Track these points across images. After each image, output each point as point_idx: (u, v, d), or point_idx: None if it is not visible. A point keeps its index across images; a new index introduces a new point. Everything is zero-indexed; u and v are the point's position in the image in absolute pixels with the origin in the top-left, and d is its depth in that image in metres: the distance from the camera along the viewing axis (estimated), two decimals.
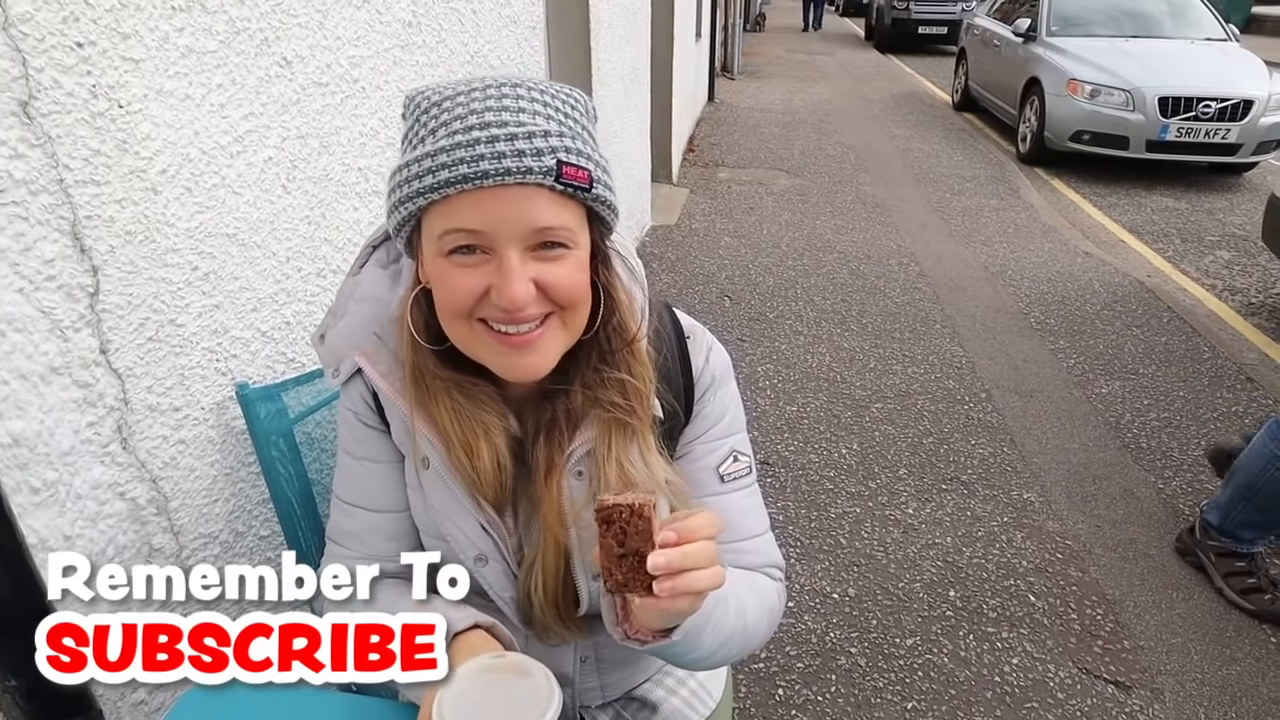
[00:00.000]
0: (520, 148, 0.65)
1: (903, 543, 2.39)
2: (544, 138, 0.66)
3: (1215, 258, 4.92)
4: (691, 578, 0.62)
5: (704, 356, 0.88)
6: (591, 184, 0.69)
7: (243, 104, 1.14)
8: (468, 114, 0.67)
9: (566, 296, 0.72)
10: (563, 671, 0.93)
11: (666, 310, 0.88)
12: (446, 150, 0.66)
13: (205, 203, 1.08)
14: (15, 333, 0.84)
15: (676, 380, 0.85)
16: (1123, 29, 7.11)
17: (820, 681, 1.93)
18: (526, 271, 0.69)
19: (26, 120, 0.83)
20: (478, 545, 0.83)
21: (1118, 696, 1.89)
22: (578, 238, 0.71)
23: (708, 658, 0.78)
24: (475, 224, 0.67)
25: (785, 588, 0.93)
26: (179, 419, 1.08)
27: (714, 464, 0.88)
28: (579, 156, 0.68)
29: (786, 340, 3.66)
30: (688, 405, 0.86)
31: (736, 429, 0.90)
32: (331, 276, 1.40)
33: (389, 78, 1.55)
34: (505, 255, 0.68)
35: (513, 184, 0.66)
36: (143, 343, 1.01)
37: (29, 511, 0.88)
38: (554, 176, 0.66)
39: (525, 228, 0.68)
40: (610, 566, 0.63)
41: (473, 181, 0.66)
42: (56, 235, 0.88)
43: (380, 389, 0.82)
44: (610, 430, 0.80)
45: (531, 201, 0.67)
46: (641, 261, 0.87)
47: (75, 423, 0.93)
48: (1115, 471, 2.74)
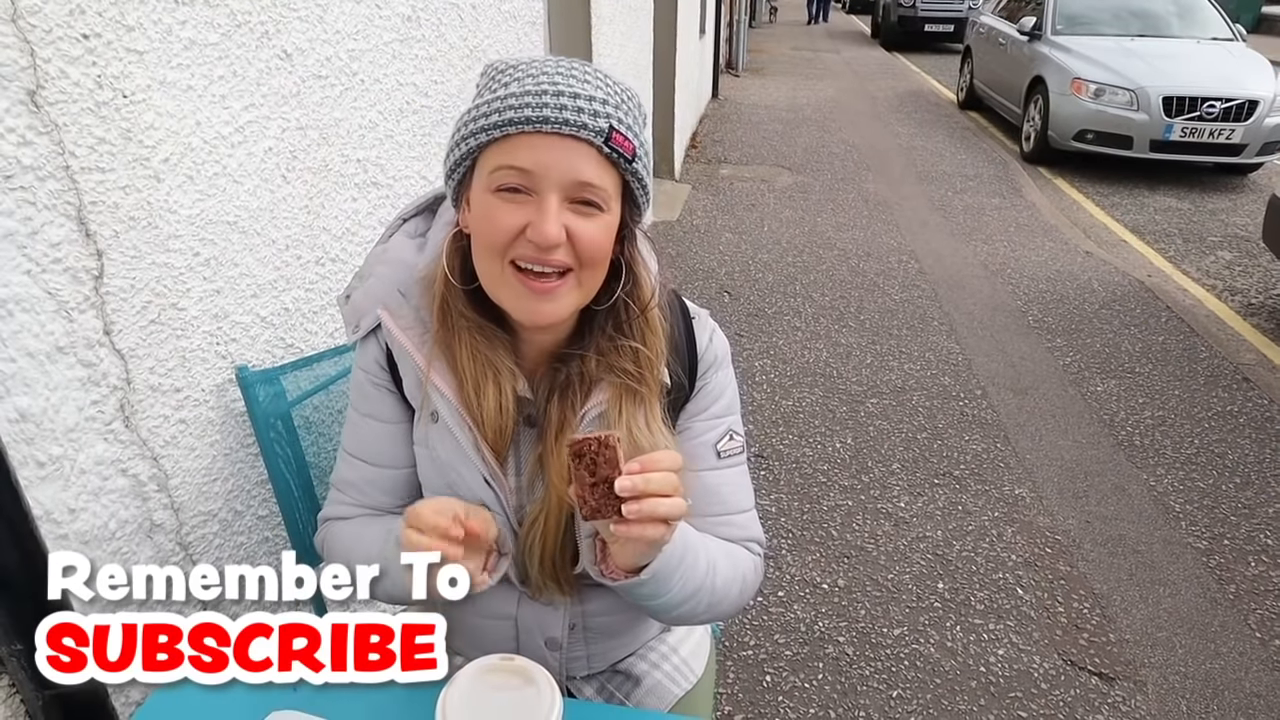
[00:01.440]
0: (581, 105, 0.73)
1: (893, 535, 2.42)
2: (602, 104, 0.74)
3: (1216, 258, 4.92)
4: (655, 503, 0.70)
5: (708, 336, 0.95)
6: (634, 156, 0.77)
7: (244, 95, 1.17)
8: (540, 74, 0.75)
9: (590, 252, 0.78)
10: (552, 635, 0.97)
11: (674, 294, 0.94)
12: (516, 95, 0.74)
13: (207, 191, 1.12)
14: (23, 313, 0.88)
15: (683, 354, 0.92)
16: (1128, 28, 7.10)
17: (808, 669, 1.96)
18: (562, 217, 0.75)
19: (34, 109, 0.87)
20: (481, 497, 0.88)
21: (1101, 688, 1.92)
22: (611, 204, 0.78)
23: (677, 606, 0.84)
24: (527, 164, 0.74)
25: (763, 565, 0.97)
26: (180, 399, 1.11)
27: (712, 440, 0.94)
28: (628, 130, 0.76)
29: (784, 336, 3.69)
30: (691, 379, 0.93)
31: (733, 410, 0.97)
32: (330, 265, 1.44)
33: (388, 71, 1.58)
34: (546, 197, 0.75)
35: (567, 134, 0.73)
36: (145, 325, 1.04)
37: (35, 485, 0.91)
38: (604, 138, 0.74)
39: (569, 178, 0.75)
40: (584, 494, 0.71)
41: (534, 124, 0.73)
42: (63, 220, 0.91)
43: (397, 343, 0.87)
44: (622, 396, 0.86)
45: (579, 155, 0.74)
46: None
47: (79, 400, 0.96)
48: (1107, 468, 2.76)
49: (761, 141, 7.35)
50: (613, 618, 1.00)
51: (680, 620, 0.90)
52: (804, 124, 8.09)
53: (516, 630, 0.98)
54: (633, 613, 1.00)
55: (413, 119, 1.69)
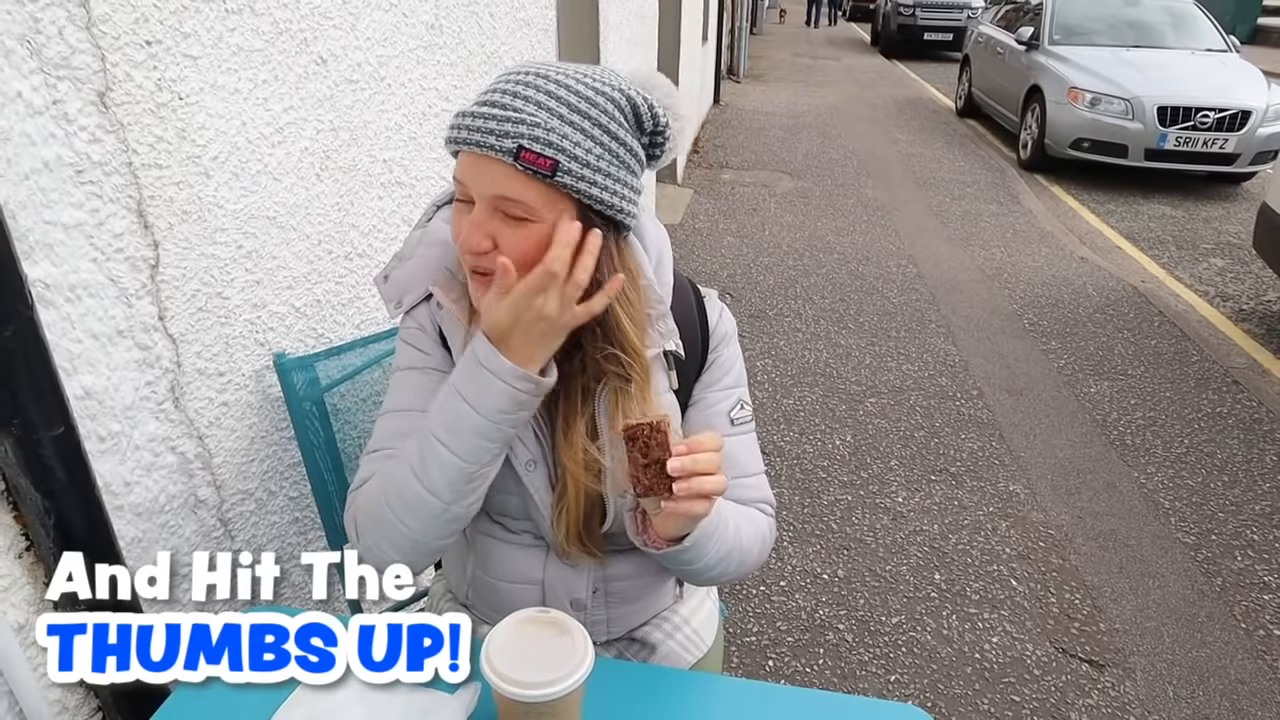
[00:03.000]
0: (492, 127, 0.80)
1: (891, 529, 2.49)
2: (516, 124, 0.80)
3: (1209, 265, 5.01)
4: (701, 481, 0.78)
5: (717, 313, 1.03)
6: (555, 172, 0.81)
7: (284, 98, 1.25)
8: (492, 90, 0.83)
9: (512, 257, 0.83)
10: (577, 596, 1.04)
11: (683, 277, 1.01)
12: (462, 115, 0.83)
13: (250, 187, 1.19)
14: (90, 298, 0.95)
15: (695, 329, 0.99)
16: (1124, 39, 7.20)
17: (809, 654, 2.03)
18: (489, 225, 0.83)
19: (103, 109, 0.94)
20: (530, 450, 0.95)
21: (1091, 674, 2.00)
22: (542, 214, 0.83)
23: (713, 568, 0.92)
24: (462, 178, 0.84)
25: (776, 523, 1.07)
26: (223, 383, 1.19)
27: (725, 409, 1.02)
28: (546, 146, 0.80)
29: (785, 337, 3.77)
30: (704, 351, 1.01)
31: (742, 381, 1.05)
32: (358, 260, 1.51)
33: (412, 75, 1.65)
34: (477, 207, 0.84)
35: (479, 154, 0.81)
36: (194, 312, 1.11)
37: (96, 458, 0.98)
38: (513, 156, 0.80)
39: (489, 191, 0.82)
40: (637, 475, 0.78)
41: (460, 145, 0.82)
42: (125, 212, 0.99)
43: (451, 312, 0.94)
44: (617, 396, 0.92)
45: (496, 171, 0.81)
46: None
47: (136, 381, 1.03)
48: (1100, 466, 2.84)
49: (763, 147, 7.44)
50: (632, 582, 1.07)
51: (713, 580, 0.99)
52: (804, 130, 8.19)
53: (543, 593, 1.04)
54: (650, 578, 1.07)
55: (434, 122, 1.77)
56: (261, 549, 1.32)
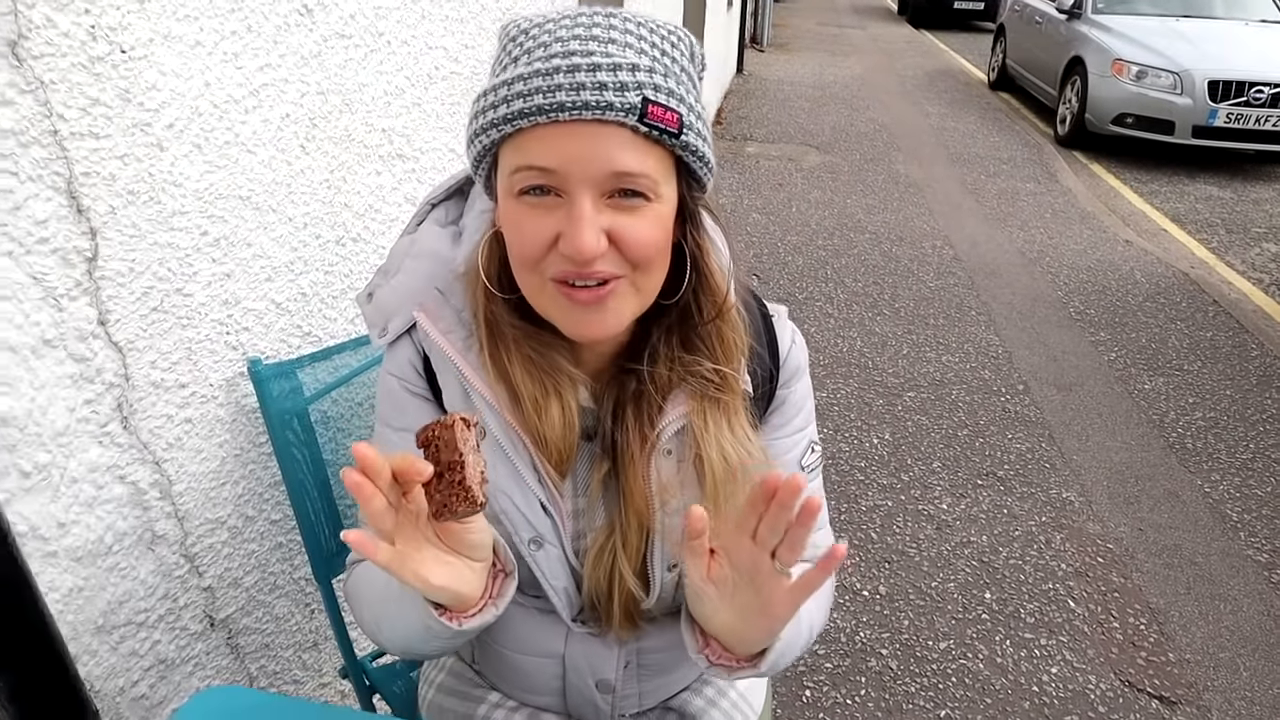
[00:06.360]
0: (602, 80, 0.58)
1: (936, 540, 2.30)
2: (630, 71, 0.59)
3: (1261, 250, 4.73)
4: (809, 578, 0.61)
5: (789, 338, 0.83)
6: (681, 129, 0.61)
7: (259, 54, 1.04)
8: (552, 41, 0.61)
9: (640, 254, 0.64)
10: (604, 677, 0.86)
11: (748, 289, 0.80)
12: (524, 79, 0.60)
13: (216, 161, 0.99)
14: (3, 300, 0.76)
15: (764, 361, 0.79)
16: (1172, 8, 6.83)
17: (849, 683, 1.85)
18: (600, 220, 0.62)
19: (15, 63, 0.74)
20: (535, 526, 0.76)
21: (1162, 712, 1.80)
22: (661, 190, 0.64)
23: (776, 667, 0.72)
24: (548, 162, 0.61)
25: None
26: (185, 396, 1.00)
27: (797, 457, 0.83)
28: (669, 96, 0.61)
29: (816, 323, 3.55)
30: (771, 388, 0.80)
31: (812, 419, 0.86)
32: (352, 245, 1.31)
33: (416, 32, 1.44)
34: (577, 200, 0.61)
35: (590, 120, 0.59)
36: (146, 313, 0.92)
37: (18, 497, 0.80)
38: (637, 115, 0.59)
39: (601, 171, 0.61)
40: (429, 492, 0.58)
41: (548, 114, 0.59)
42: (50, 193, 0.79)
43: (438, 348, 0.74)
44: (704, 407, 0.74)
45: (610, 142, 0.60)
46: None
47: (71, 400, 0.84)
48: (1159, 472, 2.62)
49: (788, 119, 7.14)
50: (669, 654, 0.89)
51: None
52: (831, 101, 7.87)
53: (564, 669, 0.86)
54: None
55: (442, 85, 1.55)
56: (237, 582, 1.14)
